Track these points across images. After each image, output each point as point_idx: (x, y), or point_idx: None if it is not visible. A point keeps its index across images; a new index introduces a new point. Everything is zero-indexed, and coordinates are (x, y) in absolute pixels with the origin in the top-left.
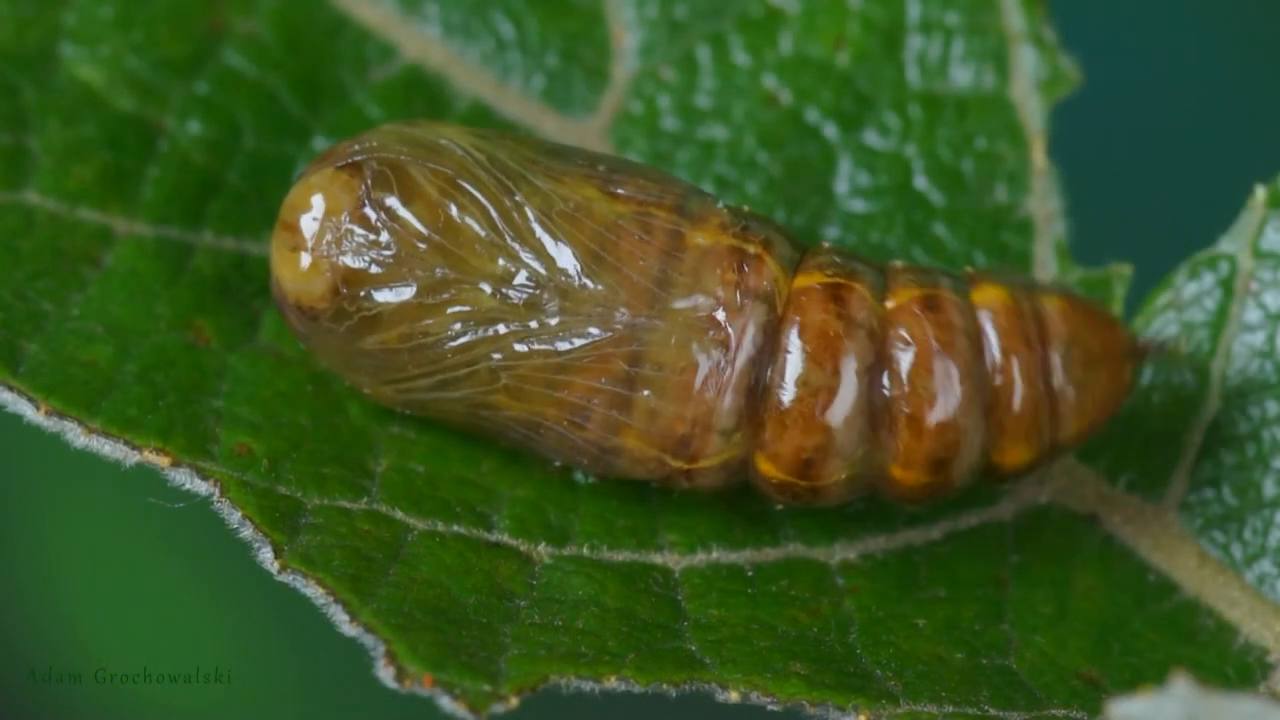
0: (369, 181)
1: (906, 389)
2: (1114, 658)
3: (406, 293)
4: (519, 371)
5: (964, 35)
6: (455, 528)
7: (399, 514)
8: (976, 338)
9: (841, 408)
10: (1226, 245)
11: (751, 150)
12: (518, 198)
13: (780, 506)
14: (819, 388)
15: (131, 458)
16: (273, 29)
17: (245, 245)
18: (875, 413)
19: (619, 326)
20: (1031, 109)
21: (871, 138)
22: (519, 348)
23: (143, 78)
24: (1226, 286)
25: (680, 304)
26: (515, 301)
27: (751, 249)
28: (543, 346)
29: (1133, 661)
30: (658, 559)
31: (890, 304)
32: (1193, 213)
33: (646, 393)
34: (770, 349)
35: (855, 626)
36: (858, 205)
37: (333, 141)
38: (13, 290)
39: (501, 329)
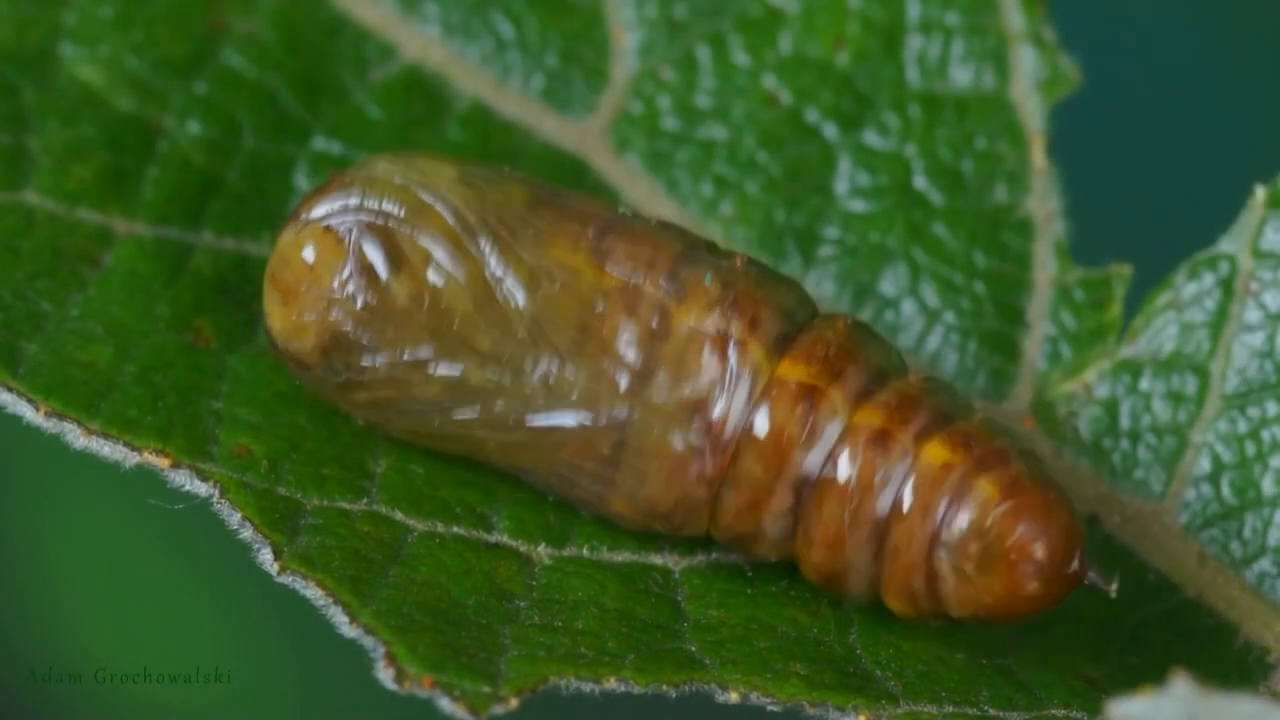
0: (356, 251)
1: (819, 507)
2: (1114, 658)
3: (392, 360)
4: (506, 440)
5: (964, 35)
6: (455, 529)
7: (399, 515)
8: (898, 485)
9: (774, 509)
10: (1226, 245)
11: (751, 150)
12: (500, 274)
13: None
14: (759, 486)
15: (131, 459)
16: (273, 29)
17: (245, 245)
18: (800, 511)
19: (602, 416)
20: (1031, 109)
21: (871, 138)
22: (504, 420)
23: (143, 78)
24: (1226, 286)
25: (663, 395)
26: (500, 377)
27: (736, 333)
28: (529, 424)
29: (1133, 661)
30: (657, 559)
31: (852, 419)
32: (1193, 213)
33: (630, 475)
34: (742, 433)
35: (855, 626)
36: (857, 205)
37: (333, 142)
38: (12, 290)
39: (487, 403)
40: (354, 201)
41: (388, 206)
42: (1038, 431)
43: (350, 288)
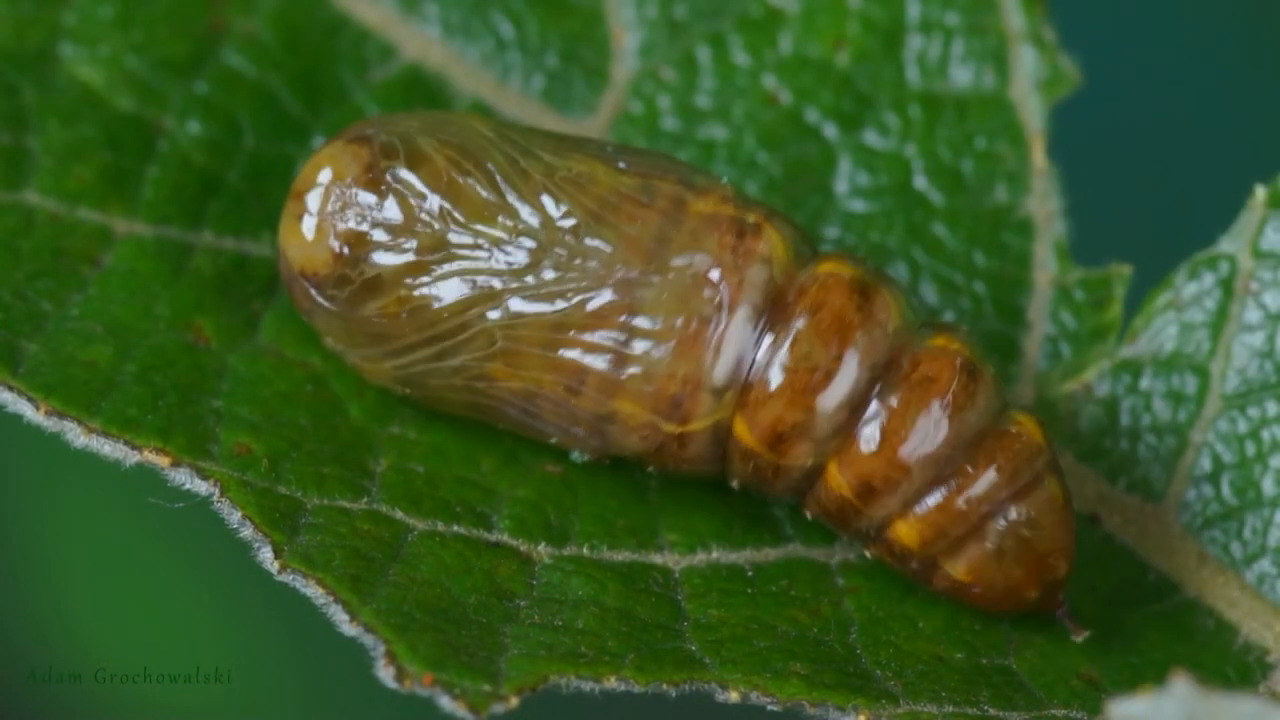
0: (377, 150)
1: (896, 413)
2: (1114, 658)
3: (407, 254)
4: (516, 332)
5: (964, 35)
6: (455, 528)
7: (399, 514)
8: (981, 431)
9: (833, 394)
10: (1226, 245)
11: (751, 150)
12: (522, 164)
13: (735, 485)
14: (818, 368)
15: (131, 457)
16: (273, 29)
17: (245, 245)
18: (856, 412)
19: (615, 282)
20: (1031, 109)
21: (871, 138)
22: (516, 306)
23: (143, 78)
24: (1226, 286)
25: (677, 261)
26: (514, 261)
27: (751, 218)
28: (539, 304)
29: (1133, 661)
30: (658, 559)
31: (929, 337)
32: (1193, 213)
33: (640, 350)
34: (772, 318)
35: (855, 626)
36: (857, 205)
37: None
38: (13, 290)
39: (498, 286)
40: (377, 124)
41: (410, 123)
42: None
43: (368, 184)
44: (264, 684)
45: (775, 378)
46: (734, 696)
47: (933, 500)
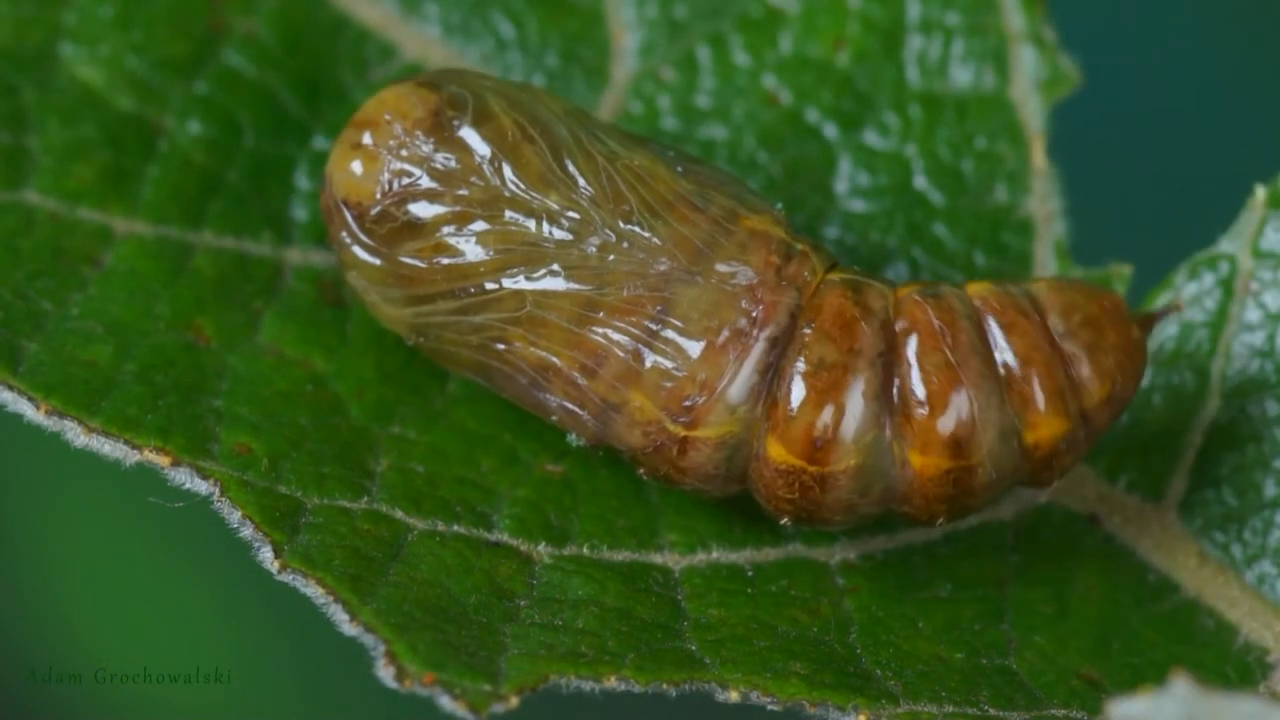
0: (444, 99)
1: (917, 369)
2: (1114, 658)
3: (455, 205)
4: (547, 301)
5: (964, 35)
6: (455, 527)
7: (399, 514)
8: (977, 319)
9: (855, 385)
10: (1226, 245)
11: (751, 150)
12: (587, 145)
13: (785, 521)
14: (834, 365)
15: (131, 457)
16: (273, 29)
17: (245, 245)
18: (889, 398)
19: (657, 274)
20: (1031, 109)
21: (871, 138)
22: (554, 276)
23: (143, 78)
24: (1226, 286)
25: (721, 267)
26: (562, 233)
27: (799, 246)
28: (577, 279)
29: (1133, 661)
30: (658, 559)
31: (897, 296)
32: (1193, 213)
33: (667, 345)
34: (789, 334)
35: (855, 626)
36: (858, 205)
37: (333, 142)
38: (13, 290)
39: (542, 253)
40: (453, 75)
41: (486, 80)
42: None
43: (432, 129)
44: (264, 684)
45: (798, 390)
46: (734, 696)
47: (1015, 401)
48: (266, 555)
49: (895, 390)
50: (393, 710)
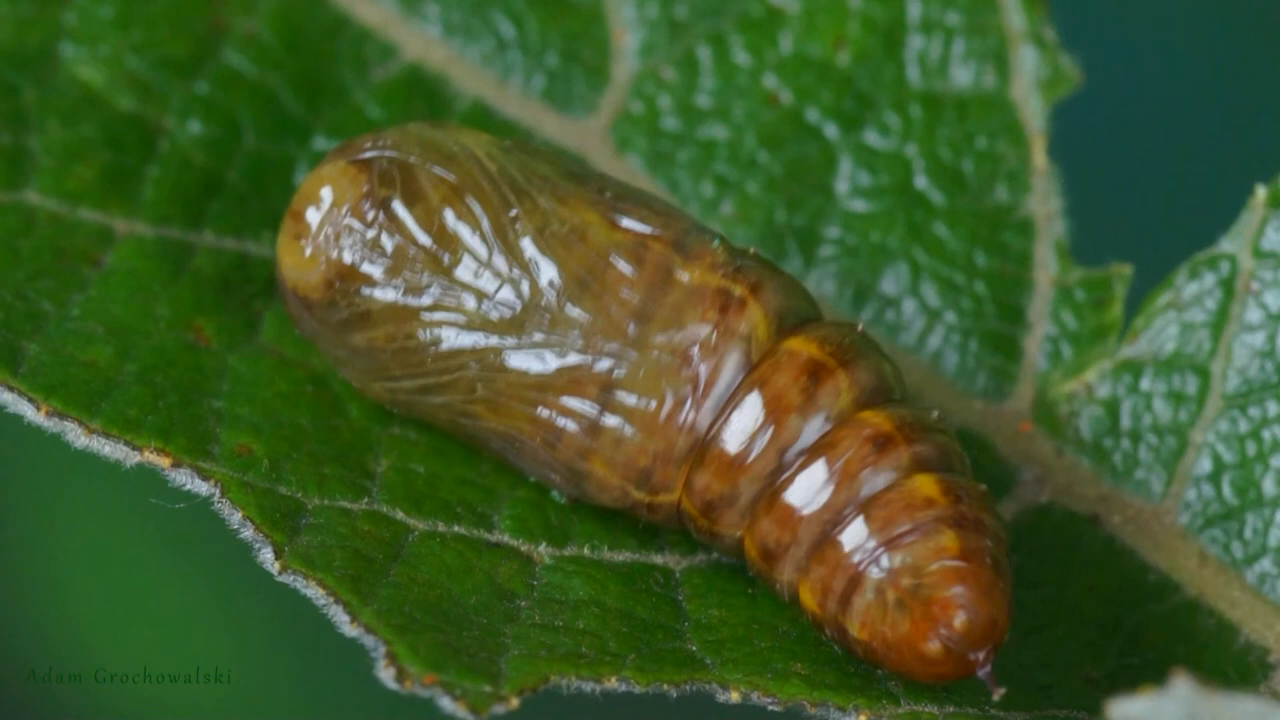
0: (375, 179)
1: (792, 480)
2: (1114, 658)
3: (395, 293)
4: (496, 385)
5: (964, 35)
6: (456, 528)
7: (399, 514)
8: (874, 492)
9: (755, 470)
10: (1227, 245)
11: (752, 150)
12: (514, 214)
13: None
14: (749, 441)
15: (132, 458)
16: (273, 29)
17: (245, 245)
18: (774, 480)
19: (594, 353)
20: (1032, 109)
21: (872, 137)
22: (497, 362)
23: (143, 78)
24: (1227, 286)
25: (658, 338)
26: (498, 316)
27: (737, 291)
28: (520, 363)
29: (1133, 661)
30: (658, 559)
31: (859, 413)
32: (1193, 213)
33: (614, 421)
34: (741, 385)
35: None
36: (858, 205)
37: (333, 141)
38: (13, 290)
39: (482, 341)
40: (382, 143)
41: (412, 149)
42: (1038, 432)
43: (363, 215)
44: (264, 684)
45: (715, 448)
46: (735, 697)
47: (818, 557)
48: (267, 556)
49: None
50: (393, 711)
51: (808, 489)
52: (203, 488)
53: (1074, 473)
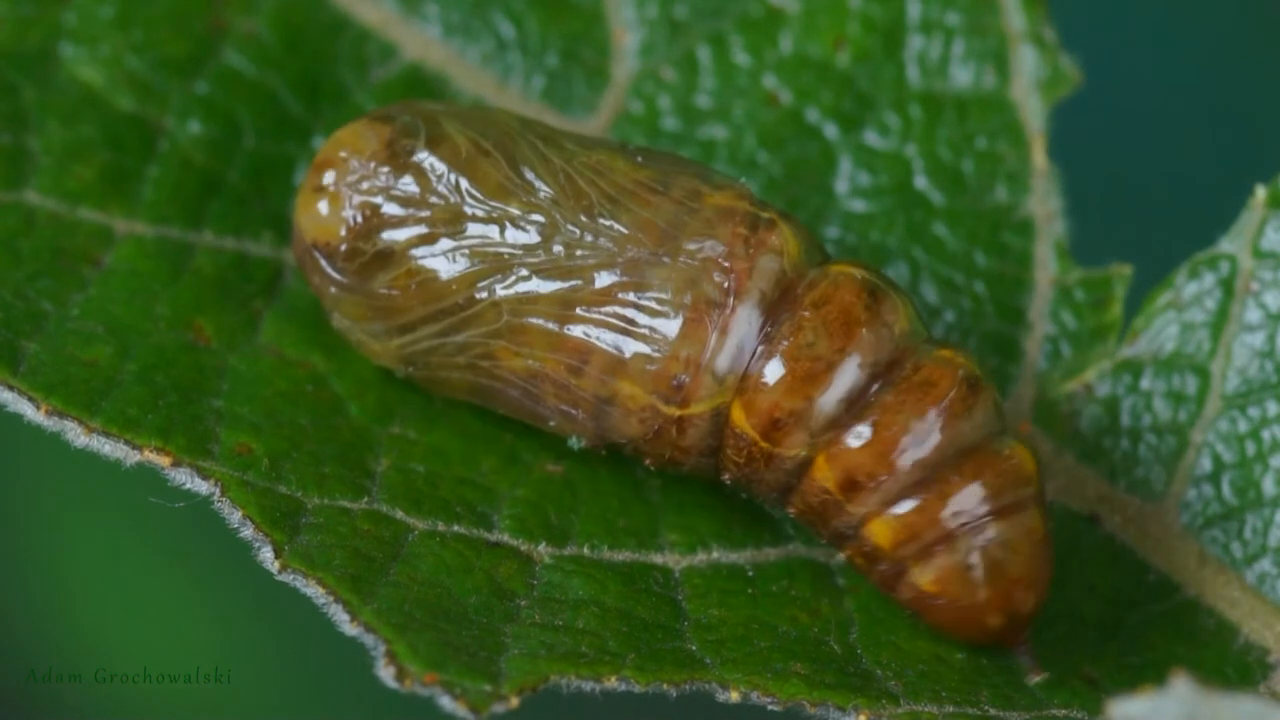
0: (397, 129)
1: (890, 408)
2: (1114, 658)
3: (419, 227)
4: (523, 307)
5: (964, 35)
6: (456, 527)
7: (399, 514)
8: (971, 446)
9: (833, 387)
10: (1226, 245)
11: (751, 150)
12: (543, 150)
13: (726, 479)
14: (819, 359)
15: (132, 457)
16: (273, 29)
17: (245, 245)
18: (853, 407)
19: (625, 261)
20: (1031, 109)
21: (872, 138)
22: (524, 280)
23: (143, 78)
24: (1227, 286)
25: (689, 245)
26: (526, 237)
27: (766, 215)
28: (548, 280)
29: (1133, 661)
30: (658, 559)
31: (936, 349)
32: (1193, 213)
33: (645, 328)
34: (778, 309)
35: (855, 626)
36: (858, 205)
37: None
38: (13, 290)
39: (509, 260)
40: (404, 107)
41: (435, 105)
42: (1038, 432)
43: (388, 159)
44: (264, 684)
45: (776, 366)
46: (734, 696)
47: (912, 503)
48: (267, 555)
49: (860, 408)
50: (393, 711)
51: (915, 430)
52: (203, 487)
53: (1074, 472)
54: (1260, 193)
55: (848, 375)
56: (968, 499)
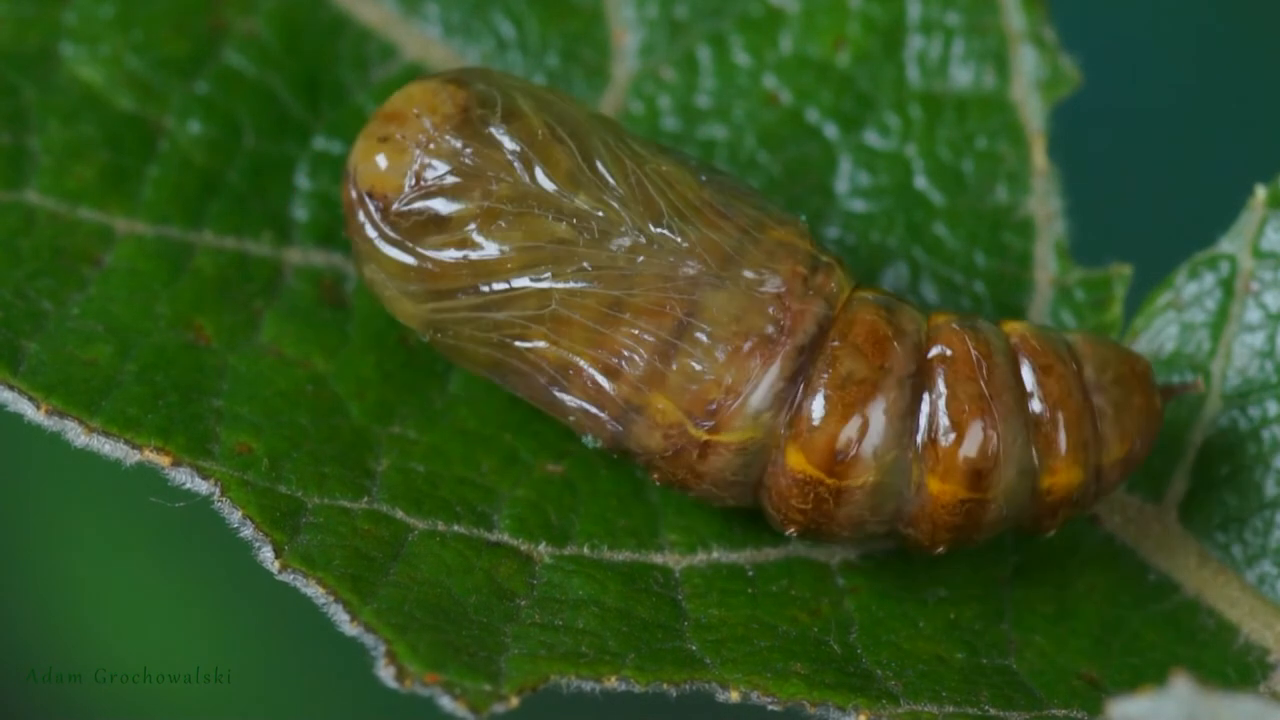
0: (473, 96)
1: (948, 396)
2: (1114, 658)
3: (482, 201)
4: (573, 300)
5: (964, 35)
6: (456, 527)
7: (399, 514)
8: (1012, 356)
9: (881, 402)
10: (1226, 245)
11: (752, 150)
12: (615, 149)
13: (791, 531)
14: (862, 380)
15: (132, 457)
16: (273, 29)
17: (245, 245)
18: (915, 420)
19: (686, 277)
20: (1031, 109)
21: (872, 138)
22: (580, 276)
23: (143, 77)
24: (1227, 286)
25: (749, 274)
26: (590, 233)
27: (825, 258)
28: (604, 280)
29: (1133, 661)
30: (658, 559)
31: (931, 322)
32: (1193, 213)
33: (694, 348)
34: (817, 345)
35: (855, 626)
36: (858, 205)
37: (333, 142)
38: (13, 290)
39: (569, 252)
40: (482, 74)
41: (514, 81)
42: None
43: (460, 125)
44: (264, 684)
45: (823, 396)
46: (734, 696)
47: (1039, 443)
48: (267, 555)
49: (923, 414)
50: (393, 710)
51: (980, 396)
52: (203, 487)
53: None
54: (1260, 193)
55: (893, 388)
56: (1089, 381)
